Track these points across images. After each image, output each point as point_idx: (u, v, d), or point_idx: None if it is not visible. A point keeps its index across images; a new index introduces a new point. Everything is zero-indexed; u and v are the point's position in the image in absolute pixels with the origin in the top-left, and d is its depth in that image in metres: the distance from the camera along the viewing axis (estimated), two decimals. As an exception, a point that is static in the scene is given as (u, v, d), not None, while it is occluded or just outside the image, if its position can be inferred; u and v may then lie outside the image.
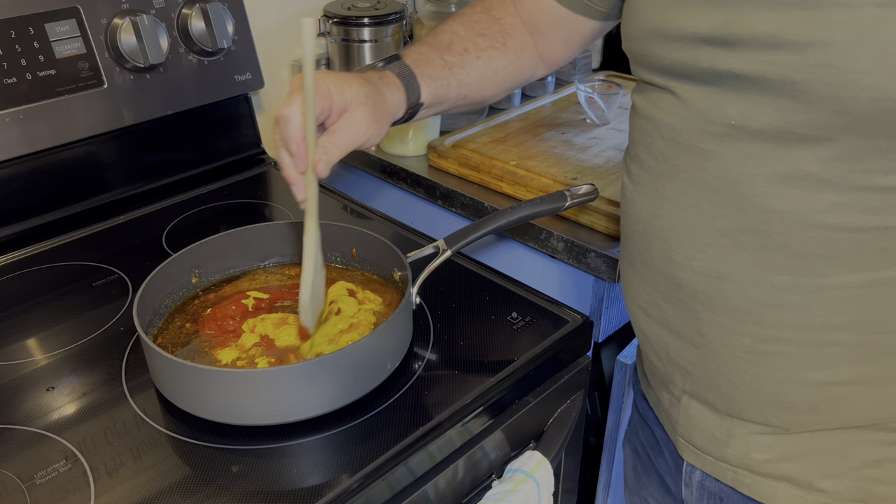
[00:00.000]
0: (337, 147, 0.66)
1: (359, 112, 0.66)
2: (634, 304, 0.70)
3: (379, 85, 0.70)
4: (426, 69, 0.75)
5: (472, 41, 0.78)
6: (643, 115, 0.64)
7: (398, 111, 0.73)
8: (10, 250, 0.95)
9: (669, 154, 0.60)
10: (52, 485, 0.62)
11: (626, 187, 0.68)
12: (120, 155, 1.05)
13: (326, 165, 0.65)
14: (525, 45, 0.81)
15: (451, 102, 0.79)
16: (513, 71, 0.81)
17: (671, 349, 0.66)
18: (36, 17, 0.93)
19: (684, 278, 0.61)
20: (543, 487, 0.74)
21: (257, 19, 1.19)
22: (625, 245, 0.70)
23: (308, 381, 0.65)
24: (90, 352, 0.77)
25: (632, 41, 0.62)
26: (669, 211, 0.61)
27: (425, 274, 0.77)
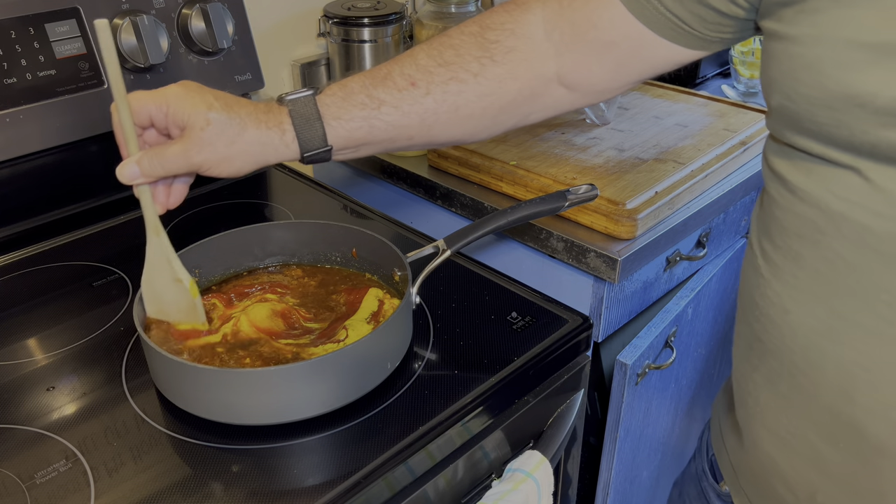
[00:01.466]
0: (158, 159, 0.62)
1: (194, 135, 0.61)
2: (763, 427, 0.57)
3: (246, 118, 0.62)
4: (339, 108, 0.64)
5: (426, 72, 0.65)
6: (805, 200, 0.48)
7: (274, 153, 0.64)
8: (10, 250, 0.95)
9: (858, 263, 0.45)
10: (52, 485, 0.62)
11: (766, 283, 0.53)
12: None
13: (131, 174, 0.62)
14: (520, 74, 0.65)
15: (386, 144, 0.67)
16: (489, 105, 0.66)
17: (820, 494, 0.54)
18: (36, 17, 0.93)
19: (872, 428, 0.48)
20: (543, 487, 0.74)
21: (257, 19, 1.19)
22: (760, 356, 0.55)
23: (308, 381, 0.65)
24: (90, 352, 0.77)
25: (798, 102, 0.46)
26: (857, 339, 0.47)
27: (425, 274, 0.77)
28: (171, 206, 0.68)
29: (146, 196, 0.67)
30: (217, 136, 0.61)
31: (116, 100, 0.61)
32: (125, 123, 0.62)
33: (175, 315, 0.72)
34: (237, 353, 0.71)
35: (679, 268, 1.13)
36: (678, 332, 1.11)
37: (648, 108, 1.25)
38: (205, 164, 0.62)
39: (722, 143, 1.12)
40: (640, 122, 1.19)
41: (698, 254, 1.12)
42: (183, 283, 0.71)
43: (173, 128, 0.62)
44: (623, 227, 0.94)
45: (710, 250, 1.17)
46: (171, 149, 0.62)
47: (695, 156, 1.08)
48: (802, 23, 0.45)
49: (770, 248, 0.53)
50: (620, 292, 1.01)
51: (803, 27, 0.45)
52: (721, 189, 1.07)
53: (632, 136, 1.14)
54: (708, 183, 1.06)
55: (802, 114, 0.46)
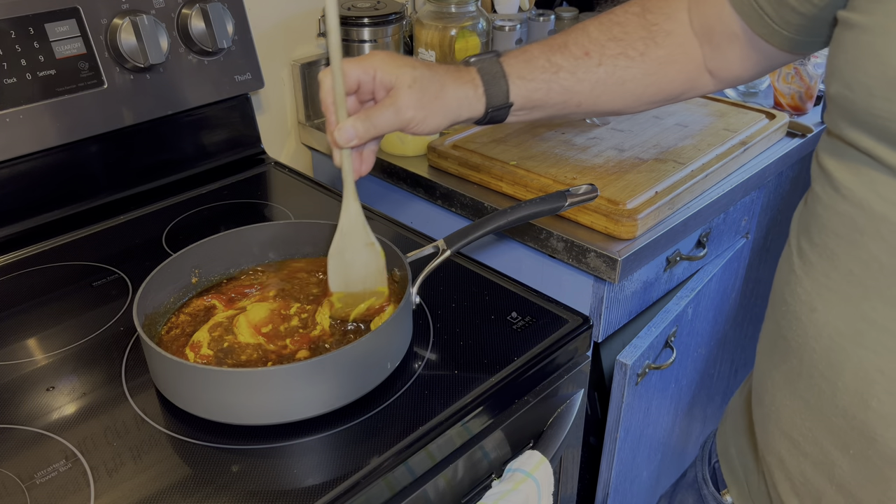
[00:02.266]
0: (370, 120, 0.64)
1: (403, 93, 0.65)
2: (777, 428, 0.56)
3: (444, 76, 0.67)
4: (522, 69, 0.69)
5: (599, 45, 0.70)
6: (848, 198, 0.48)
7: (467, 108, 0.68)
8: (10, 250, 0.95)
9: (893, 267, 0.45)
10: (52, 485, 0.62)
11: (798, 280, 0.53)
12: (120, 155, 1.05)
13: (349, 135, 0.64)
14: (678, 58, 0.70)
15: (558, 108, 0.71)
16: (651, 84, 0.71)
17: (825, 499, 0.53)
18: (36, 17, 0.93)
19: (886, 437, 0.47)
20: (543, 487, 0.74)
21: (257, 19, 1.19)
22: (781, 353, 0.55)
23: (308, 381, 0.65)
24: (90, 352, 0.77)
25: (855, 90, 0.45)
26: (880, 343, 0.46)
27: (425, 274, 0.77)
28: (363, 173, 0.70)
29: (349, 161, 0.68)
30: (423, 92, 0.65)
31: (333, 67, 0.63)
32: (338, 89, 0.64)
33: (360, 283, 0.74)
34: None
35: (679, 268, 1.13)
36: (678, 332, 1.11)
37: (648, 108, 1.24)
38: (413, 119, 0.66)
39: (722, 143, 1.12)
40: (640, 122, 1.19)
41: (698, 254, 1.12)
42: (375, 246, 0.73)
43: (380, 90, 0.66)
44: (623, 227, 0.94)
45: (711, 250, 1.17)
46: (383, 109, 0.65)
47: (695, 156, 1.08)
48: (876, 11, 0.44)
49: (807, 245, 0.53)
50: (620, 292, 1.01)
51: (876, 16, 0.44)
52: (721, 189, 1.07)
53: (632, 136, 1.14)
54: (708, 183, 1.06)
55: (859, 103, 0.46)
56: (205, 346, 0.72)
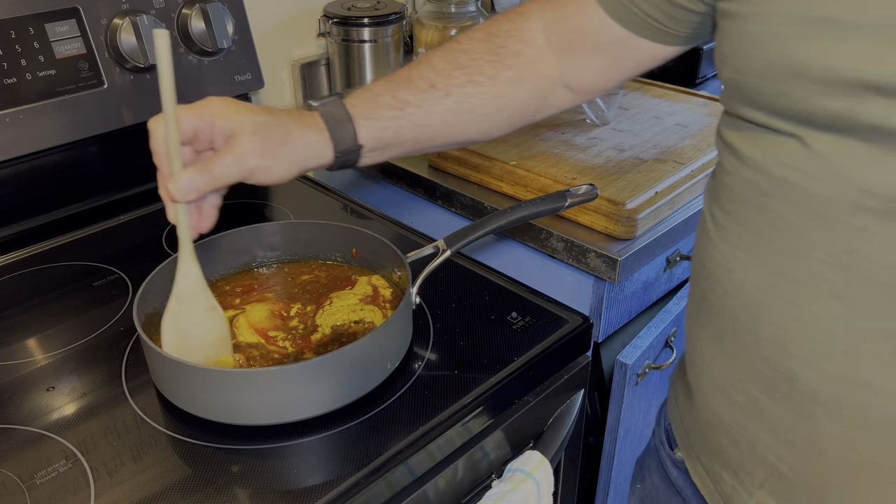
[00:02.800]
0: (209, 171, 0.61)
1: (244, 139, 0.61)
2: (710, 384, 0.60)
3: (287, 120, 0.64)
4: (367, 109, 0.66)
5: (444, 75, 0.68)
6: (751, 165, 0.51)
7: (314, 154, 0.65)
8: (10, 250, 0.95)
9: (796, 223, 0.49)
10: (52, 485, 0.62)
11: (714, 245, 0.56)
12: (120, 155, 1.05)
13: (186, 189, 0.60)
14: (529, 76, 0.69)
15: (411, 144, 0.69)
16: (504, 106, 0.69)
17: (759, 444, 0.57)
18: (36, 17, 0.93)
19: (805, 377, 0.51)
20: (543, 487, 0.74)
21: (257, 19, 1.19)
22: (707, 314, 0.59)
23: (308, 381, 0.65)
24: (90, 352, 0.77)
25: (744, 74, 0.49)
26: (792, 293, 0.50)
27: (425, 274, 0.77)
28: (203, 230, 0.66)
29: (185, 216, 0.64)
30: (266, 138, 0.61)
31: (166, 114, 0.59)
32: (171, 138, 0.60)
33: (202, 352, 0.68)
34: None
35: (679, 268, 1.13)
36: (678, 332, 1.11)
37: (648, 108, 1.25)
38: (258, 168, 0.62)
39: (722, 143, 1.12)
40: (640, 122, 1.19)
41: (698, 254, 1.12)
42: (217, 311, 0.69)
43: (219, 138, 0.62)
44: (623, 227, 0.94)
45: (710, 250, 1.17)
46: (222, 157, 0.61)
47: (695, 156, 1.08)
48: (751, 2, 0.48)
49: (719, 213, 0.56)
50: (620, 292, 1.01)
51: (751, 6, 0.48)
52: (721, 189, 1.06)
53: (632, 136, 1.14)
54: (708, 183, 1.06)
55: (749, 86, 0.49)
56: None
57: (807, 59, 0.44)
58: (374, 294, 0.78)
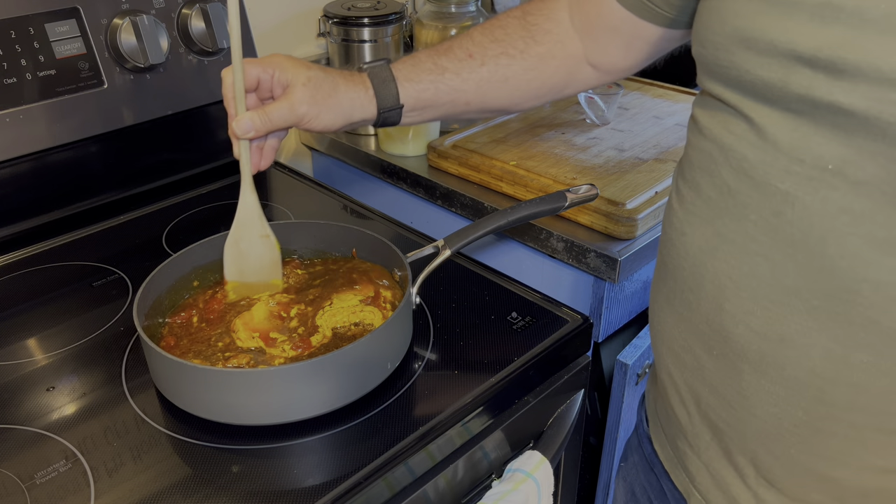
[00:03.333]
0: (266, 114, 0.70)
1: (297, 90, 0.70)
2: (664, 345, 0.64)
3: (337, 77, 0.73)
4: (409, 72, 0.75)
5: (481, 47, 0.76)
6: (707, 136, 0.56)
7: (360, 108, 0.74)
8: (10, 250, 0.96)
9: (737, 188, 0.53)
10: (52, 485, 0.62)
11: (674, 212, 0.61)
12: (120, 155, 1.05)
13: (245, 127, 0.69)
14: (557, 53, 0.76)
15: (447, 107, 0.77)
16: (534, 78, 0.77)
17: (702, 402, 0.60)
18: (36, 17, 0.93)
19: (735, 333, 0.55)
20: (543, 487, 0.74)
21: (257, 19, 1.19)
22: (662, 277, 0.63)
23: (308, 381, 0.65)
24: (90, 352, 0.77)
25: (706, 46, 0.54)
26: (729, 254, 0.54)
27: (425, 274, 0.77)
28: (262, 168, 0.75)
29: (247, 152, 0.73)
30: (317, 90, 0.71)
31: (234, 64, 0.68)
32: (238, 84, 0.69)
33: (255, 274, 0.78)
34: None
35: (679, 268, 1.12)
36: (678, 332, 1.11)
37: (648, 108, 1.25)
38: (307, 115, 0.71)
39: (722, 143, 1.11)
40: (640, 122, 1.19)
41: (698, 254, 1.12)
42: (270, 238, 0.77)
43: (277, 88, 0.72)
44: (623, 227, 0.94)
45: (710, 250, 1.17)
46: (278, 104, 0.70)
47: (695, 156, 1.07)
48: None
49: (681, 182, 0.61)
50: (620, 292, 1.01)
51: None
52: (721, 189, 1.06)
53: (632, 136, 1.14)
54: (708, 183, 1.06)
55: (709, 58, 0.54)
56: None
57: (754, 33, 0.49)
58: (376, 295, 0.78)
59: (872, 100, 0.43)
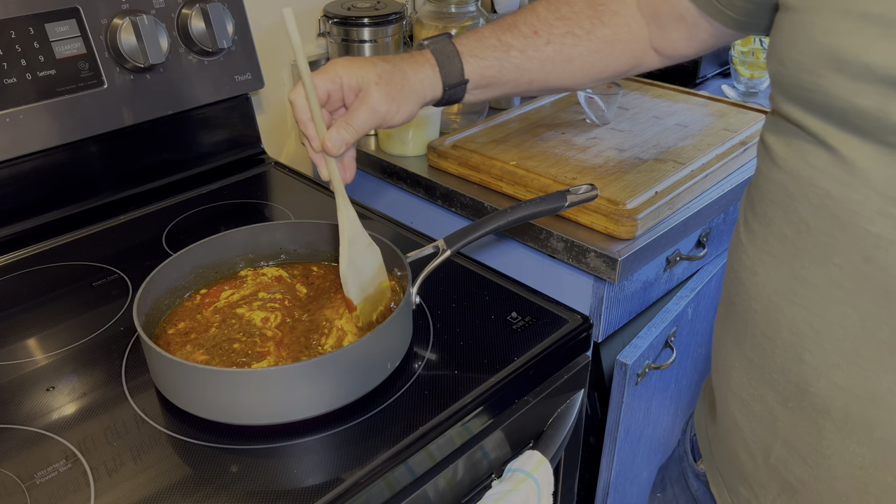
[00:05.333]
0: (351, 125, 0.67)
1: (372, 91, 0.67)
2: (730, 390, 0.60)
3: (401, 63, 0.70)
4: (474, 47, 0.73)
5: (547, 24, 0.74)
6: (783, 167, 0.51)
7: (429, 89, 0.71)
8: (10, 250, 0.95)
9: (819, 228, 0.48)
10: (52, 485, 0.62)
11: (743, 249, 0.57)
12: (120, 155, 1.05)
13: (338, 143, 0.67)
14: (623, 36, 0.75)
15: (511, 85, 0.75)
16: (598, 61, 0.75)
17: (773, 455, 0.56)
18: (36, 17, 0.93)
19: (816, 387, 0.50)
20: (543, 487, 0.74)
21: (257, 19, 1.19)
22: (731, 318, 0.59)
23: (308, 381, 0.65)
24: (90, 352, 0.77)
25: (787, 65, 0.49)
26: (810, 300, 0.50)
27: (425, 274, 0.77)
28: (348, 181, 0.72)
29: (336, 170, 0.70)
30: (390, 85, 0.68)
31: (305, 84, 0.65)
32: (314, 104, 0.66)
33: (372, 284, 0.74)
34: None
35: (679, 268, 1.13)
36: (678, 332, 1.11)
37: (648, 108, 1.25)
38: (388, 112, 0.68)
39: (722, 143, 1.12)
40: (640, 122, 1.19)
41: (698, 254, 1.12)
42: (374, 245, 0.75)
43: (349, 95, 0.68)
44: (623, 227, 0.94)
45: (710, 250, 1.17)
46: (358, 110, 0.67)
47: (695, 156, 1.08)
48: None
49: (751, 216, 0.56)
50: (620, 292, 1.01)
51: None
52: (721, 189, 1.07)
53: (632, 136, 1.14)
54: (708, 183, 1.06)
55: (790, 79, 0.50)
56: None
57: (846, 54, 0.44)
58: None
59: None
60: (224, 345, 0.72)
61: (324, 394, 0.66)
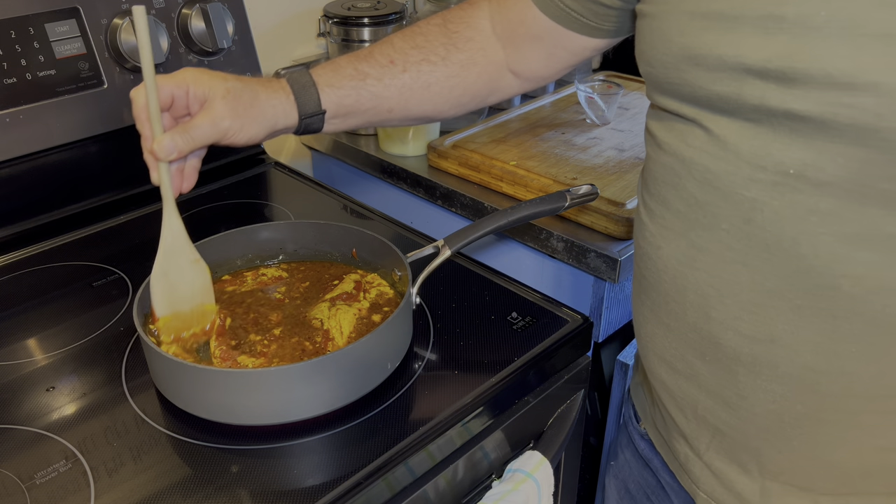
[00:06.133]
0: (188, 133, 0.66)
1: (217, 104, 0.67)
2: (655, 355, 0.65)
3: (255, 85, 0.70)
4: (331, 77, 0.73)
5: (403, 53, 0.75)
6: (667, 151, 0.57)
7: (282, 116, 0.71)
8: (10, 250, 0.95)
9: (705, 200, 0.54)
10: (52, 485, 0.62)
11: (646, 228, 0.62)
12: (120, 155, 1.05)
13: (168, 149, 0.66)
14: (478, 60, 0.76)
15: (370, 114, 0.75)
16: (456, 85, 0.76)
17: (700, 406, 0.62)
18: (36, 17, 0.93)
19: (726, 339, 0.56)
20: (543, 487, 0.74)
21: (257, 19, 1.19)
22: (645, 291, 0.64)
23: (308, 381, 0.65)
24: (90, 352, 0.77)
25: (655, 66, 0.55)
26: (707, 264, 0.55)
27: (425, 274, 0.77)
28: (184, 190, 0.71)
29: (167, 176, 0.69)
30: (237, 101, 0.67)
31: (147, 82, 0.64)
32: (152, 104, 0.65)
33: (188, 302, 0.72)
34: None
35: (679, 268, 1.12)
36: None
37: (648, 108, 1.25)
38: (230, 129, 0.67)
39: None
40: (640, 122, 1.19)
41: (698, 254, 1.12)
42: (201, 262, 0.73)
43: (194, 103, 0.67)
44: (623, 228, 0.94)
45: (711, 250, 1.17)
46: (199, 120, 0.67)
47: (695, 156, 1.07)
48: (658, 1, 0.55)
49: (647, 197, 0.61)
50: (621, 292, 1.01)
51: (658, 5, 0.54)
52: (721, 189, 1.06)
53: (632, 136, 1.14)
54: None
55: (659, 76, 0.55)
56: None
57: (701, 50, 0.50)
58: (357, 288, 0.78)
59: (826, 104, 0.44)
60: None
61: (324, 394, 0.66)
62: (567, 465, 0.89)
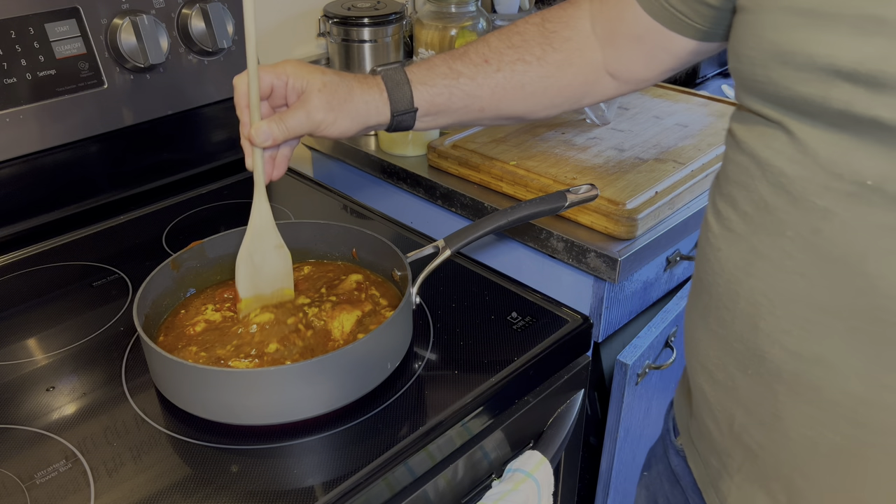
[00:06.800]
0: (284, 122, 0.68)
1: (313, 96, 0.68)
2: (698, 362, 0.63)
3: (351, 81, 0.72)
4: (424, 75, 0.73)
5: (497, 52, 0.75)
6: (744, 150, 0.55)
7: (374, 112, 0.72)
8: (10, 250, 0.95)
9: (775, 204, 0.52)
10: (52, 485, 0.62)
11: (710, 228, 0.60)
12: (120, 155, 1.05)
13: (264, 135, 0.68)
14: (575, 60, 0.75)
15: (461, 113, 0.76)
16: (550, 86, 0.75)
17: (736, 423, 0.59)
18: (36, 17, 0.93)
19: (770, 353, 0.54)
20: (543, 487, 0.74)
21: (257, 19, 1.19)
22: (698, 294, 0.62)
23: (308, 381, 0.65)
24: (90, 352, 0.77)
25: (743, 62, 0.53)
26: (764, 271, 0.53)
27: (425, 274, 0.77)
28: (275, 178, 0.73)
29: (261, 162, 0.71)
30: (332, 95, 0.69)
31: (249, 71, 0.67)
32: (253, 92, 0.67)
33: (269, 285, 0.76)
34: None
35: (679, 268, 1.13)
36: (678, 332, 1.11)
37: (648, 108, 1.25)
38: (324, 122, 0.69)
39: (722, 142, 1.12)
40: (640, 122, 1.19)
41: (698, 254, 1.12)
42: (284, 249, 0.75)
43: (292, 95, 0.70)
44: (623, 227, 0.94)
45: (710, 250, 1.17)
46: (295, 111, 0.69)
47: (695, 156, 1.08)
48: None
49: (718, 197, 0.60)
50: (620, 292, 1.01)
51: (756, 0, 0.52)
52: (721, 189, 1.06)
53: (632, 136, 1.14)
54: (708, 183, 1.06)
55: (745, 73, 0.53)
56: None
57: (791, 47, 0.48)
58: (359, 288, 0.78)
59: None
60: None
61: (324, 394, 0.66)
62: (567, 465, 0.89)
